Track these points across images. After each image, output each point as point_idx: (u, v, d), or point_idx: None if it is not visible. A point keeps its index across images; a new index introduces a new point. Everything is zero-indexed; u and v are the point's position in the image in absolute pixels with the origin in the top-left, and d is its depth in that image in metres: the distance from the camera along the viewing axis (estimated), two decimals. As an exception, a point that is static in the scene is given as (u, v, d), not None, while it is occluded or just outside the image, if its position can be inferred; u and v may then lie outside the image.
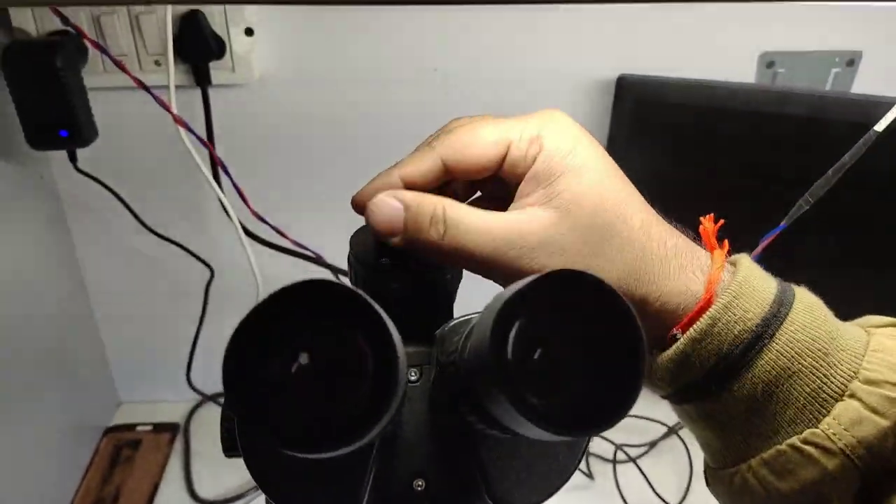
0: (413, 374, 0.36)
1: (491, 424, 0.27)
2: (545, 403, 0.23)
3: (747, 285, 0.32)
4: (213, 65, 0.71)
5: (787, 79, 0.83)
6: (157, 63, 0.71)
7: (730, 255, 0.35)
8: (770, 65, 0.82)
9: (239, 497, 0.83)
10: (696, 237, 0.36)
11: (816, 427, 0.30)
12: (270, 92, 0.75)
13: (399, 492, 0.36)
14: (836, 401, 0.30)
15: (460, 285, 0.40)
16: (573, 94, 0.80)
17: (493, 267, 0.32)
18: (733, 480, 0.34)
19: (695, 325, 0.31)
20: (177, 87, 0.69)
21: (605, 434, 0.92)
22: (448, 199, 0.33)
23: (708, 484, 0.38)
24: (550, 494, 0.32)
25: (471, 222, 0.32)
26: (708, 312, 0.31)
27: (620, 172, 0.34)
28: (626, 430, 0.94)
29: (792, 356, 0.31)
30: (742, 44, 0.79)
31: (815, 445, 0.30)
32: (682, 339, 0.32)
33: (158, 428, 0.94)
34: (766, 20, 0.78)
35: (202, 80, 0.71)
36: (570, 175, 0.32)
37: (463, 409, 0.30)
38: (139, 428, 0.94)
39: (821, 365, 0.31)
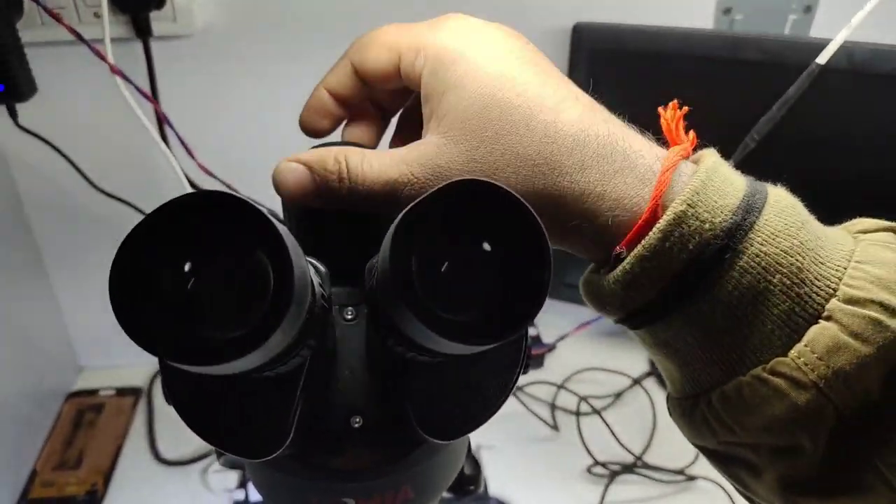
0: (349, 313, 0.36)
1: (410, 346, 0.27)
2: (454, 316, 0.22)
3: (706, 190, 0.26)
4: (153, 15, 0.69)
5: (744, 25, 0.83)
6: (96, 15, 0.68)
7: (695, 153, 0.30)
8: (727, 11, 0.82)
9: (202, 457, 0.83)
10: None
11: (785, 356, 0.26)
12: (214, 42, 0.73)
13: (336, 429, 0.35)
14: (810, 324, 0.26)
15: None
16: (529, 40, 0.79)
17: (397, 207, 0.30)
18: (693, 413, 0.30)
19: (643, 242, 0.27)
20: (117, 39, 0.67)
21: (570, 386, 0.93)
22: (351, 147, 0.31)
23: (671, 414, 0.34)
24: (477, 426, 0.32)
25: (369, 166, 0.30)
26: (658, 225, 0.26)
27: (538, 63, 0.30)
28: (590, 383, 0.94)
29: (759, 273, 0.26)
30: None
31: (784, 376, 0.26)
32: (628, 259, 0.27)
33: (121, 392, 0.93)
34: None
35: (142, 31, 0.69)
36: (452, 92, 0.29)
37: (388, 337, 0.30)
38: (101, 392, 0.93)
39: (794, 282, 0.26)
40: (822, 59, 0.47)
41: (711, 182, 0.27)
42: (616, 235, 0.28)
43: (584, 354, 0.98)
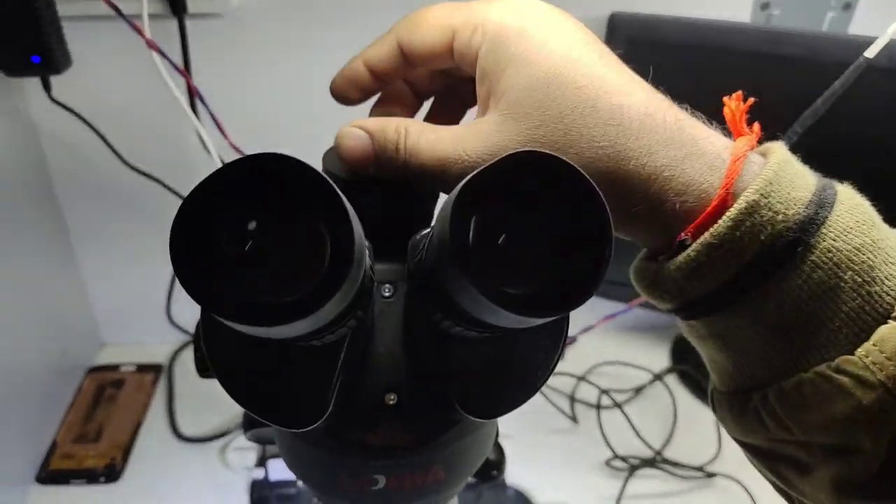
0: (387, 290, 0.36)
1: (460, 320, 0.26)
2: (511, 288, 0.22)
3: (779, 181, 0.26)
4: (188, -8, 0.69)
5: (781, 20, 0.82)
6: (132, -11, 0.68)
7: (760, 144, 0.29)
8: (765, 6, 0.81)
9: (221, 435, 0.83)
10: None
11: (852, 354, 0.25)
12: (248, 20, 0.73)
13: (371, 405, 0.35)
14: (879, 323, 0.25)
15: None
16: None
17: (445, 185, 0.30)
18: (744, 409, 0.29)
19: (711, 230, 0.26)
20: (153, 15, 0.67)
21: (591, 379, 0.92)
22: (412, 119, 0.32)
23: (714, 410, 0.33)
24: (518, 404, 0.31)
25: (426, 139, 0.30)
26: (728, 213, 0.26)
27: (599, 46, 0.30)
28: (611, 377, 0.94)
29: (830, 269, 0.25)
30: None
31: (849, 375, 0.25)
32: (694, 246, 0.26)
33: (142, 368, 0.94)
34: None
35: (178, 7, 0.69)
36: (513, 69, 0.28)
37: (433, 312, 0.29)
38: (122, 368, 0.94)
39: (864, 280, 0.25)
40: (870, 53, 0.46)
41: (784, 173, 0.26)
42: (682, 222, 0.27)
43: (606, 348, 0.98)
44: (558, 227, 0.22)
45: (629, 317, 0.83)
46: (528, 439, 0.84)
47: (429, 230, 0.33)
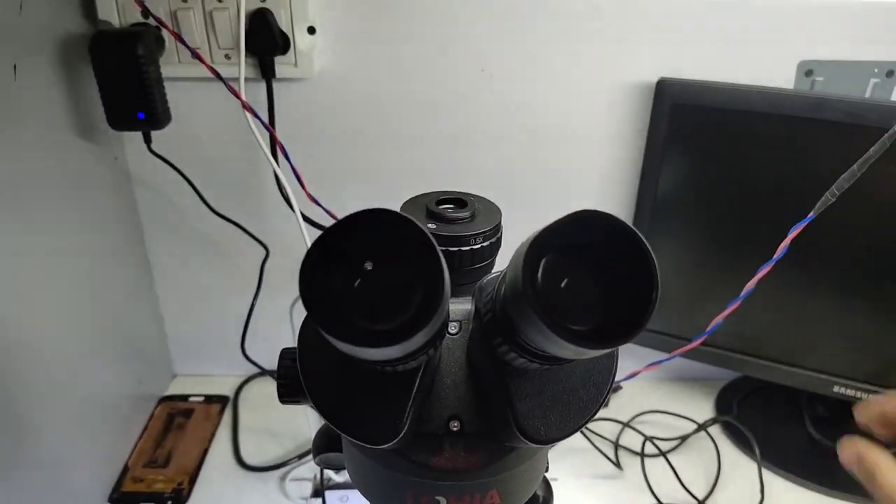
0: (454, 327, 0.41)
1: (523, 351, 0.31)
2: (572, 324, 0.26)
3: None
4: (277, 59, 0.77)
5: (825, 87, 0.85)
6: (226, 56, 0.77)
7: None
8: (809, 73, 0.85)
9: (281, 465, 0.88)
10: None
11: None
12: (328, 86, 0.81)
13: (436, 431, 0.40)
14: None
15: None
16: (612, 96, 0.84)
17: None
18: None
19: None
20: (247, 79, 0.75)
21: (636, 426, 0.94)
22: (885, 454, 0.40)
23: None
24: (573, 431, 0.35)
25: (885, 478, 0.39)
26: None
27: None
28: (655, 425, 0.96)
29: None
30: (782, 52, 0.82)
31: None
32: None
33: (209, 399, 1.00)
34: (806, 29, 0.80)
35: (267, 72, 0.77)
36: None
37: (498, 347, 0.34)
38: (192, 398, 1.00)
39: None
40: (903, 120, 0.50)
41: None
42: None
43: (650, 396, 1.00)
44: (613, 274, 0.27)
45: (673, 366, 0.85)
46: (572, 483, 0.86)
47: (496, 274, 0.38)
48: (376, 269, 0.27)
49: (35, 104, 0.67)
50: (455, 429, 0.40)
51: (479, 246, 0.45)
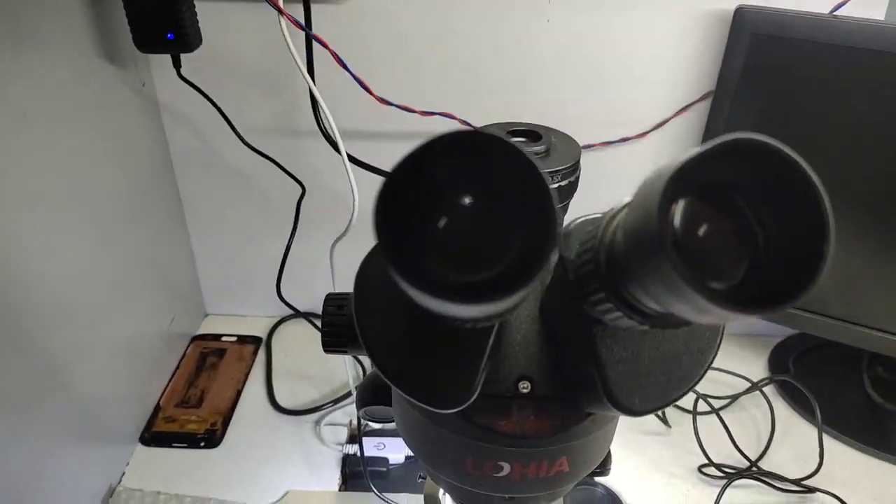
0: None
1: (631, 310, 0.26)
2: (713, 281, 0.21)
3: None
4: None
5: (920, 19, 0.77)
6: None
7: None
8: (904, 3, 0.76)
9: (316, 409, 0.86)
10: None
11: None
12: (370, 8, 0.74)
13: (504, 393, 0.35)
14: None
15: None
16: (685, 23, 0.77)
17: None
18: None
19: None
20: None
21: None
22: None
23: None
24: (671, 402, 0.31)
25: None
26: None
27: None
28: (706, 382, 0.91)
29: None
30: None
31: None
32: None
33: (242, 339, 0.97)
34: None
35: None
36: None
37: (595, 303, 0.29)
38: (224, 338, 0.98)
39: None
40: None
41: None
42: None
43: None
44: (768, 220, 0.21)
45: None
46: (619, 439, 0.82)
47: (584, 220, 0.32)
48: (469, 207, 0.22)
49: (55, 23, 0.62)
50: (525, 391, 0.36)
51: (555, 185, 0.39)
